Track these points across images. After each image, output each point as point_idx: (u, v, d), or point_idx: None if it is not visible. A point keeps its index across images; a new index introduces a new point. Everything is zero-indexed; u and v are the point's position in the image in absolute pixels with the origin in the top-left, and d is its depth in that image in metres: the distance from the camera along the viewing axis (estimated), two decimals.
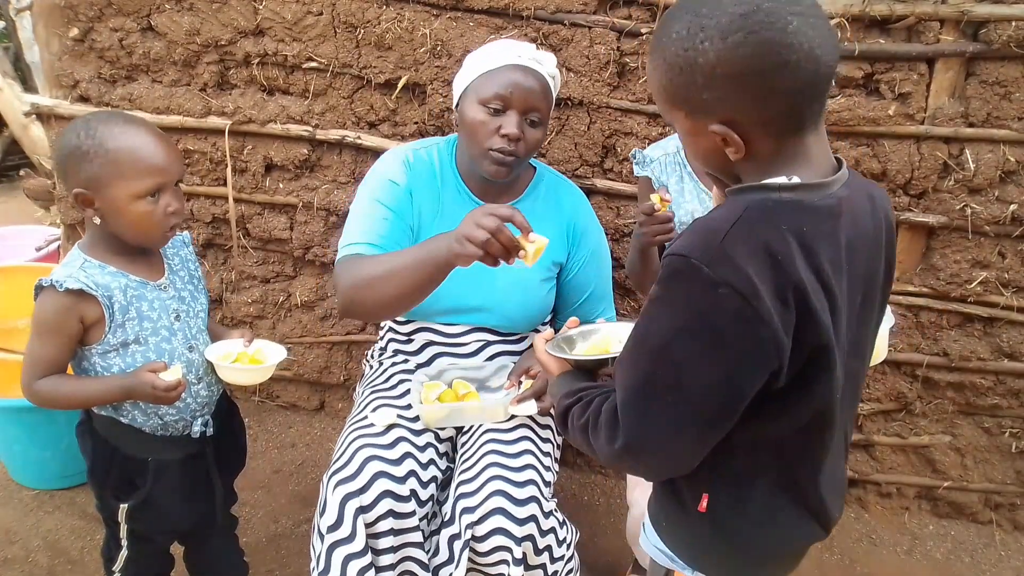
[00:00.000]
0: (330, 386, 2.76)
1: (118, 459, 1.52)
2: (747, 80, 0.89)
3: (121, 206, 1.39)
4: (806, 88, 0.90)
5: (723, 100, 0.91)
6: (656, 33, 0.98)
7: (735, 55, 0.87)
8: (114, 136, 1.37)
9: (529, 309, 1.81)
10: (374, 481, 1.51)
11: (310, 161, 2.47)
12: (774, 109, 0.91)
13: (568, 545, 1.59)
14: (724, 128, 0.92)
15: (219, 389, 1.62)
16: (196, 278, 1.61)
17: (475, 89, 1.63)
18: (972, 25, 2.00)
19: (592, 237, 1.86)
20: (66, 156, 1.38)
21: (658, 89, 0.99)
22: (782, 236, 0.90)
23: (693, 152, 1.03)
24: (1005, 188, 2.12)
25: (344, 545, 1.49)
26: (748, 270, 0.87)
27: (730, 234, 0.89)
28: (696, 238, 0.91)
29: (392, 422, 1.65)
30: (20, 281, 2.60)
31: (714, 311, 0.89)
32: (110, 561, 1.64)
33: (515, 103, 1.60)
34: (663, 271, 0.94)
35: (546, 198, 1.82)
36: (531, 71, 1.61)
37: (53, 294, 1.39)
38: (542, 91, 1.63)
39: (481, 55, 1.66)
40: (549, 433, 1.76)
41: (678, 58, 0.92)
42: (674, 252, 0.92)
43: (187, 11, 2.34)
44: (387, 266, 1.48)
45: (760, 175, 0.96)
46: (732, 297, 0.87)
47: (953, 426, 2.39)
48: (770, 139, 0.94)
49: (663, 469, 1.04)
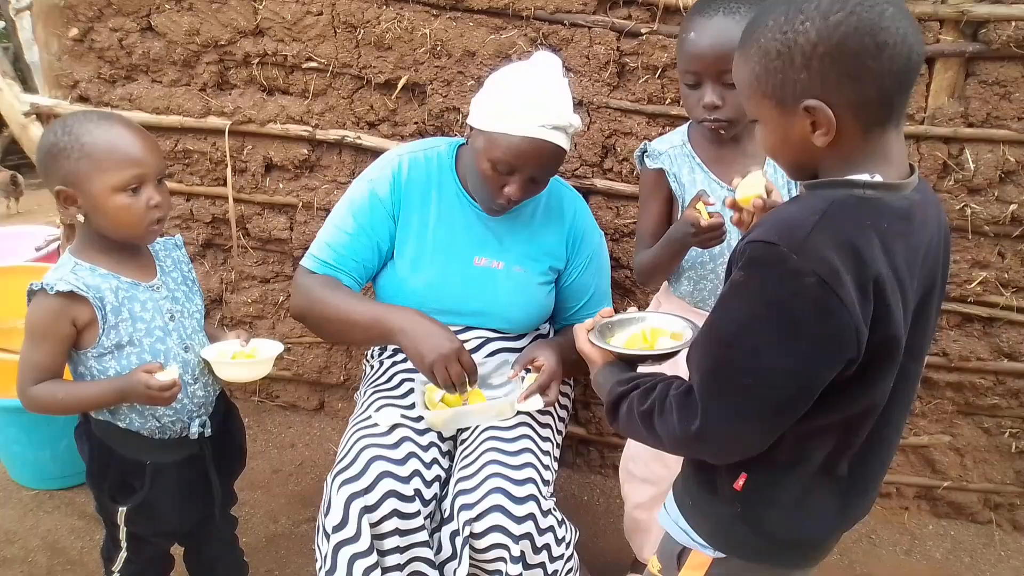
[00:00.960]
0: (329, 386, 2.76)
1: (116, 462, 1.52)
2: (845, 58, 0.92)
3: (101, 200, 1.39)
4: (898, 74, 0.94)
5: (819, 79, 0.94)
6: (747, 29, 1.02)
7: (836, 32, 0.92)
8: (89, 131, 1.37)
9: (530, 312, 1.82)
10: (379, 481, 1.51)
11: (310, 161, 2.47)
12: (867, 92, 0.94)
13: (567, 544, 1.59)
14: (819, 103, 0.95)
15: (216, 389, 1.62)
16: (190, 280, 1.61)
17: (489, 138, 1.59)
18: (972, 25, 2.00)
19: (591, 242, 1.86)
20: (45, 155, 1.39)
21: (748, 80, 1.01)
22: (865, 232, 0.94)
23: (773, 142, 1.05)
24: (1005, 188, 2.12)
25: (349, 544, 1.49)
26: (835, 261, 0.91)
27: (818, 226, 0.92)
28: (782, 227, 0.95)
29: (396, 422, 1.65)
30: (20, 281, 2.58)
31: (797, 299, 0.92)
32: (109, 561, 1.63)
33: (524, 171, 1.60)
34: (744, 259, 0.97)
35: (547, 204, 1.82)
36: (548, 144, 1.57)
37: (44, 298, 1.39)
38: (555, 157, 1.62)
39: (510, 99, 1.58)
40: (549, 432, 1.76)
41: (775, 42, 0.96)
42: (758, 239, 0.95)
43: (187, 11, 2.34)
44: (338, 312, 1.69)
45: (842, 168, 0.99)
46: (817, 286, 0.90)
47: (952, 426, 2.39)
48: (858, 128, 0.97)
49: (734, 452, 1.06)
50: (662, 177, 1.70)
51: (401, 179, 1.76)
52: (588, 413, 2.55)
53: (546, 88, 1.58)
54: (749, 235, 0.99)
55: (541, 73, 1.61)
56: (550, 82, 1.60)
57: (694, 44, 1.50)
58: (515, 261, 1.78)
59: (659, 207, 1.73)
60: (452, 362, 1.57)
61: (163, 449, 1.53)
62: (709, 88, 1.52)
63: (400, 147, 1.87)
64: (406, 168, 1.77)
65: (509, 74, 1.63)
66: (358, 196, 1.77)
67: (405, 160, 1.78)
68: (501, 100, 1.58)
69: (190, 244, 2.62)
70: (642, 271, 1.74)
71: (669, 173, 1.68)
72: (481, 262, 1.76)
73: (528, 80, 1.59)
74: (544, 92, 1.57)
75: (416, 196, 1.77)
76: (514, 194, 1.62)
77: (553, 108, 1.56)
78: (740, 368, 0.97)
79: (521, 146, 1.56)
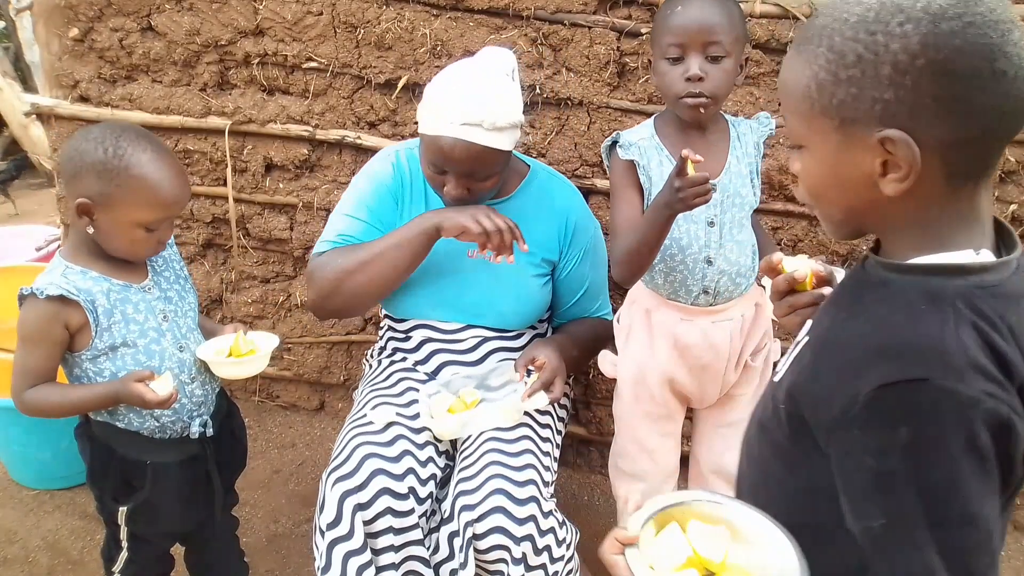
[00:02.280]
0: (330, 386, 2.76)
1: (117, 462, 1.52)
2: (951, 81, 0.71)
3: (120, 229, 1.40)
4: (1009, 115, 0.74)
5: (909, 103, 0.73)
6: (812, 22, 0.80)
7: (946, 45, 0.70)
8: (140, 163, 1.37)
9: (522, 307, 1.81)
10: (372, 479, 1.51)
11: (310, 161, 2.47)
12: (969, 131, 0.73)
13: (568, 545, 1.59)
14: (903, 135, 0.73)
15: (216, 387, 1.62)
16: (182, 278, 1.61)
17: (422, 140, 1.62)
18: None
19: (586, 234, 1.85)
20: (85, 165, 1.37)
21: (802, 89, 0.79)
22: (1001, 331, 0.74)
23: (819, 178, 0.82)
24: (1005, 188, 2.12)
25: (343, 542, 1.49)
26: (998, 376, 0.72)
27: (958, 335, 0.72)
28: (918, 357, 0.72)
29: (391, 420, 1.65)
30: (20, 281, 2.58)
31: (983, 432, 0.71)
32: (110, 562, 1.64)
33: (453, 170, 1.59)
34: (888, 414, 0.73)
35: (538, 196, 1.82)
36: (464, 142, 1.53)
37: (35, 302, 1.39)
38: (482, 156, 1.56)
39: (433, 99, 1.57)
40: (549, 432, 1.76)
41: (856, 44, 0.74)
42: (891, 381, 0.72)
43: (187, 11, 2.34)
44: (371, 253, 1.62)
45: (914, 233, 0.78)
46: (994, 410, 0.71)
47: None
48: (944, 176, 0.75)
49: None
50: (634, 169, 1.66)
51: (403, 169, 1.78)
52: (588, 413, 2.55)
53: (467, 85, 1.55)
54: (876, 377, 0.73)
55: (469, 70, 1.60)
56: (475, 78, 1.56)
57: (682, 16, 1.51)
58: None
59: (637, 198, 1.66)
60: (494, 212, 1.59)
61: (164, 449, 1.53)
62: (694, 60, 1.51)
63: (389, 147, 1.89)
64: (404, 160, 1.79)
65: (442, 73, 1.63)
66: (364, 185, 1.78)
67: (403, 153, 1.81)
68: (428, 100, 1.60)
69: (190, 244, 2.62)
70: (624, 260, 1.61)
71: (639, 165, 1.65)
72: (475, 255, 1.76)
73: (452, 78, 1.58)
74: (464, 89, 1.54)
75: (413, 189, 1.78)
76: (452, 192, 1.62)
77: (469, 106, 1.52)
78: (972, 545, 0.73)
79: (442, 146, 1.55)
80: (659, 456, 1.84)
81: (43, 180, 5.33)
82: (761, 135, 1.73)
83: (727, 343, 1.70)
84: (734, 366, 1.74)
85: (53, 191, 2.73)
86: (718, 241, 1.64)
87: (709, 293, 1.67)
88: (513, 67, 1.66)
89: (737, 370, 1.75)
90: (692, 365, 1.72)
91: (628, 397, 1.81)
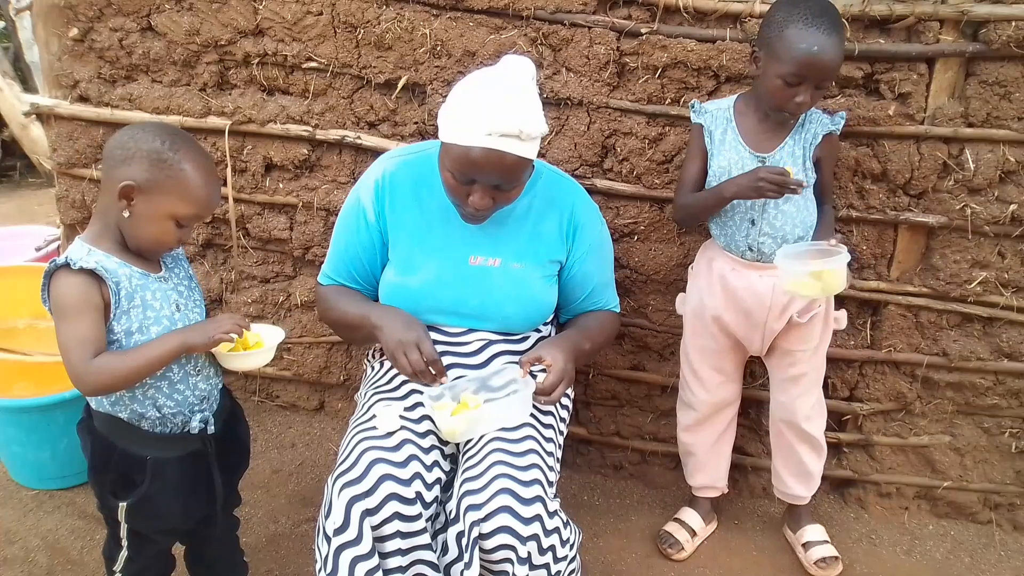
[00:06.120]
0: (330, 386, 2.76)
1: (117, 456, 1.52)
2: None
3: (155, 217, 1.44)
4: None
5: None
6: None
7: None
8: (193, 160, 1.45)
9: (527, 312, 1.81)
10: (380, 484, 1.51)
11: (310, 161, 2.47)
12: None
13: (571, 546, 1.59)
14: None
15: (218, 382, 1.63)
16: (189, 276, 1.64)
17: (445, 149, 1.60)
18: (972, 25, 2.00)
19: (591, 232, 1.86)
20: (140, 151, 1.41)
21: None
22: None
23: None
24: (1005, 188, 2.12)
25: (351, 548, 1.49)
26: None
27: None
28: None
29: (397, 427, 1.64)
30: (20, 281, 2.59)
31: None
32: (110, 561, 1.64)
33: (482, 180, 1.58)
34: None
35: (543, 196, 1.82)
36: (497, 152, 1.52)
37: (69, 273, 1.41)
38: (511, 165, 1.56)
39: (461, 108, 1.55)
40: (552, 433, 1.76)
41: None
42: None
43: (187, 11, 2.34)
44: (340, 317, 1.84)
45: None
46: None
47: (953, 426, 2.38)
48: None
49: None
50: (701, 132, 1.95)
51: (384, 186, 1.79)
52: (588, 413, 2.55)
53: (497, 95, 1.54)
54: None
55: (496, 80, 1.58)
56: (504, 88, 1.55)
57: (815, 57, 1.70)
58: (512, 257, 1.78)
59: (700, 157, 1.98)
60: (411, 349, 1.61)
61: (164, 444, 1.54)
62: (809, 91, 1.75)
63: (392, 151, 1.90)
64: (389, 174, 1.79)
65: (465, 82, 1.61)
66: (347, 209, 1.86)
67: (390, 165, 1.81)
68: (454, 109, 1.57)
69: (190, 244, 2.62)
70: (681, 213, 2.06)
71: (706, 129, 1.94)
72: (476, 261, 1.76)
73: (480, 88, 1.57)
74: (494, 99, 1.53)
75: (405, 199, 1.78)
76: (478, 203, 1.60)
77: (501, 116, 1.51)
78: None
79: (472, 156, 1.54)
80: (709, 386, 2.14)
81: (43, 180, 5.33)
82: (825, 128, 1.92)
83: (769, 294, 1.95)
84: (776, 316, 1.97)
85: (53, 191, 2.73)
86: (762, 206, 1.90)
87: (753, 250, 1.94)
88: (534, 76, 1.66)
89: (780, 322, 1.98)
90: (738, 308, 2.00)
91: (688, 330, 2.14)
